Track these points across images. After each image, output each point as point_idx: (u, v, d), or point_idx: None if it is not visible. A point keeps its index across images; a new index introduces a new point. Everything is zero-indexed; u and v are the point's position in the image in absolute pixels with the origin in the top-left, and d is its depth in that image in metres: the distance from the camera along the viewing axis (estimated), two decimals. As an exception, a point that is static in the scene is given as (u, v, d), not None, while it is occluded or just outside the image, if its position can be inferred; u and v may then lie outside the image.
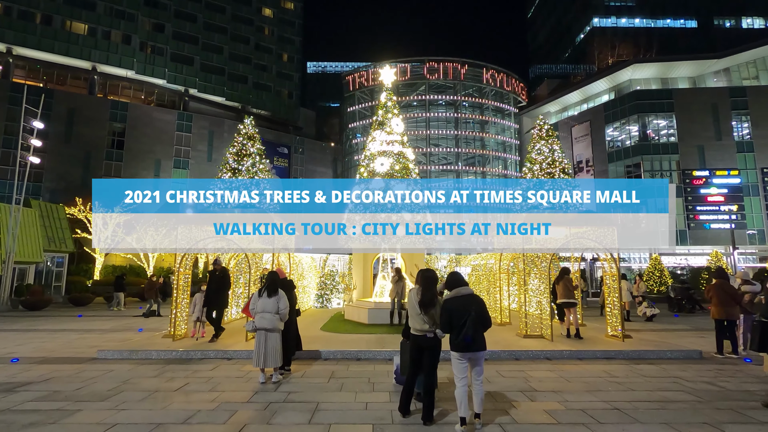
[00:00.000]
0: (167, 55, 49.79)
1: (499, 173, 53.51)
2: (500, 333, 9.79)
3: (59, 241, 22.07)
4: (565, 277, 9.39)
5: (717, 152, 41.26)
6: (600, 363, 7.66)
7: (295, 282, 14.89)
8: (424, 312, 4.56)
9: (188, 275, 9.27)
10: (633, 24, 64.78)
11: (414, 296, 4.71)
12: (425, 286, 4.67)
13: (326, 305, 17.13)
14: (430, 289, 4.66)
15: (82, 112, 42.25)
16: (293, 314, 6.91)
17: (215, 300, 9.10)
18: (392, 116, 18.14)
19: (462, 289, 4.48)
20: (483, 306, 4.45)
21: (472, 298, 4.44)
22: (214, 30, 53.89)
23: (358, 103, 55.51)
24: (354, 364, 7.56)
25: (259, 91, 56.62)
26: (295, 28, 62.30)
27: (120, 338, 10.24)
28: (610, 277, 9.23)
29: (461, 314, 4.25)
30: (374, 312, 11.45)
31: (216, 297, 9.08)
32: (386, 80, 19.06)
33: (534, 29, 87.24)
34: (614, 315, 9.11)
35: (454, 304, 4.37)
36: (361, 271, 15.73)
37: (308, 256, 18.90)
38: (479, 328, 4.29)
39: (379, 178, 16.94)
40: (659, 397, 5.63)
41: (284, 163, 53.46)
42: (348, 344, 8.66)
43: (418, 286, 4.78)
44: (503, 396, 5.64)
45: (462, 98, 53.30)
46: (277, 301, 6.12)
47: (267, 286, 6.18)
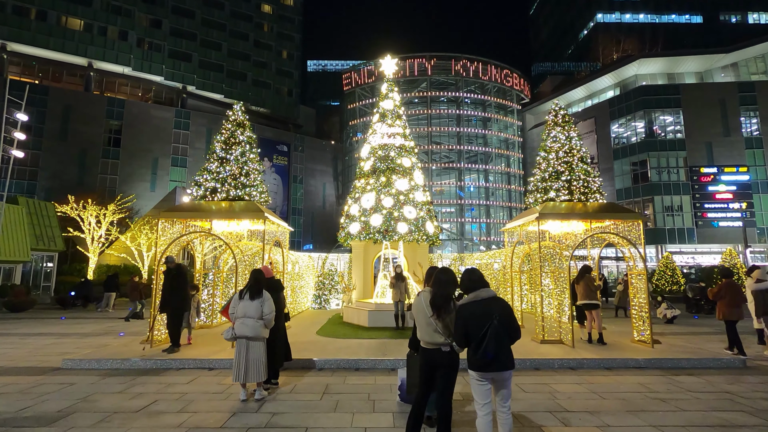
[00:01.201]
0: (165, 52, 48.96)
1: (502, 171, 52.55)
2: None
3: (48, 239, 21.20)
4: (585, 275, 8.42)
5: (725, 149, 40.26)
6: (632, 373, 6.73)
7: (291, 282, 14.05)
8: (436, 316, 3.60)
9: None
10: (637, 20, 63.96)
11: (423, 300, 3.79)
12: (438, 285, 3.72)
13: (324, 306, 16.24)
14: (443, 287, 3.69)
15: (78, 109, 41.47)
16: (281, 319, 5.98)
17: (168, 303, 7.84)
18: (394, 108, 17.26)
19: (482, 292, 3.51)
20: (509, 311, 3.48)
21: (494, 302, 3.47)
22: (212, 26, 53.05)
23: (359, 100, 54.60)
24: (352, 375, 6.64)
25: (258, 88, 55.78)
26: (295, 24, 61.45)
27: (97, 344, 9.33)
28: (635, 275, 8.29)
29: (481, 323, 3.33)
30: (375, 314, 10.53)
31: (170, 299, 7.82)
32: (387, 71, 18.17)
33: (536, 27, 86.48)
34: (641, 318, 8.16)
35: (471, 311, 3.43)
36: (361, 270, 14.84)
37: (306, 255, 18.01)
38: (504, 340, 3.35)
39: (379, 173, 16.06)
40: (717, 420, 4.69)
41: (284, 161, 52.58)
42: (346, 351, 7.74)
43: (429, 287, 3.87)
44: (529, 420, 4.70)
45: (464, 95, 52.34)
46: (261, 305, 5.17)
47: (249, 287, 5.26)
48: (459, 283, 3.71)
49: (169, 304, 7.79)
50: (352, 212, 15.65)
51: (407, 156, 16.50)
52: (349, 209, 15.92)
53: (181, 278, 8.00)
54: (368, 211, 15.38)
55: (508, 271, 10.41)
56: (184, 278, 8.11)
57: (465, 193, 51.86)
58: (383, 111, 17.29)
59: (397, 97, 17.65)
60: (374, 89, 52.61)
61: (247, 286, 5.31)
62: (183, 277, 8.07)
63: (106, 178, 41.72)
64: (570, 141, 9.50)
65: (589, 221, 8.46)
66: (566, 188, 9.11)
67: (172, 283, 7.89)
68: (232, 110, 10.42)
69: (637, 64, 46.07)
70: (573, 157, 9.31)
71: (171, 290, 7.85)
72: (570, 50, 71.05)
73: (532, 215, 8.50)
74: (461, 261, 18.37)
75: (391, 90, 17.64)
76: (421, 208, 15.88)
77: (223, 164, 9.62)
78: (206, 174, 9.66)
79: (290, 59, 60.23)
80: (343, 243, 16.12)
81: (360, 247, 14.87)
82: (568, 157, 9.35)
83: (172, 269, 8.00)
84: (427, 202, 16.08)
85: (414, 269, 13.10)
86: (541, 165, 9.84)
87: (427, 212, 15.89)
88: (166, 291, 7.91)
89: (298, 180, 54.01)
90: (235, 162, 9.70)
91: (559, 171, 9.30)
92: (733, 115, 40.51)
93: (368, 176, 16.14)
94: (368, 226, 14.95)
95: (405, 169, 16.08)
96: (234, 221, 9.15)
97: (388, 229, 14.83)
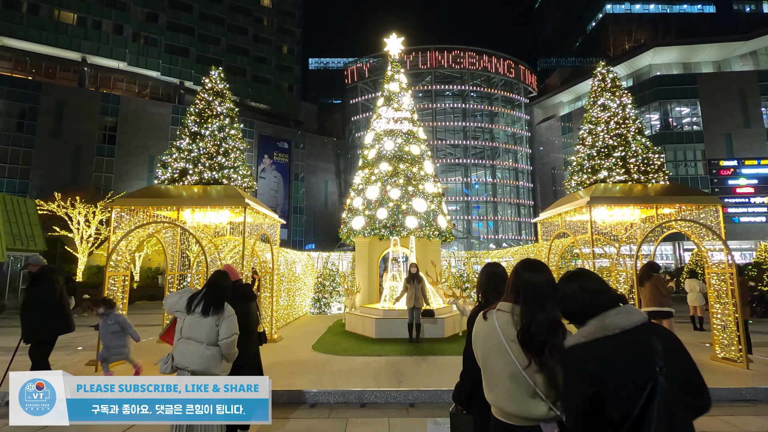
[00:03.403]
0: (161, 47, 47.57)
1: (510, 167, 50.78)
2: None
3: (27, 238, 19.65)
4: (653, 276, 6.61)
5: (745, 140, 38.45)
6: (736, 409, 4.99)
7: (288, 285, 12.26)
8: (537, 365, 1.84)
9: (126, 277, 6.66)
10: (648, 10, 62.12)
11: (500, 330, 1.93)
12: (533, 299, 1.90)
13: (324, 311, 14.55)
14: (544, 302, 1.88)
15: (72, 105, 40.11)
16: (252, 343, 4.23)
17: (26, 319, 5.41)
18: (401, 90, 15.59)
19: (619, 317, 1.65)
20: (682, 354, 1.63)
21: (648, 335, 1.61)
22: (210, 20, 51.56)
23: (361, 94, 53.01)
24: (356, 415, 4.93)
25: (257, 84, 54.28)
26: (295, 18, 59.93)
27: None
28: (718, 274, 6.51)
29: (627, 383, 1.54)
30: (384, 323, 8.83)
31: (27, 314, 5.40)
32: (393, 50, 16.54)
33: (541, 21, 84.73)
34: (730, 329, 6.37)
35: (601, 358, 1.61)
36: (365, 269, 13.18)
37: (306, 254, 16.33)
38: (683, 417, 1.54)
39: (385, 161, 14.39)
40: None
41: (284, 158, 51.03)
42: (348, 376, 6.03)
43: (509, 303, 1.97)
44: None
45: (470, 88, 50.58)
46: (217, 323, 3.36)
47: (203, 296, 3.54)
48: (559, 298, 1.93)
49: (26, 324, 5.37)
50: (356, 205, 14.02)
51: (416, 143, 14.83)
52: (351, 202, 14.29)
53: (46, 286, 5.42)
54: (373, 203, 13.73)
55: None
56: (50, 287, 5.44)
57: (471, 191, 50.13)
58: (389, 94, 15.64)
59: (404, 79, 15.99)
60: (377, 84, 50.99)
61: (199, 294, 3.57)
62: (49, 285, 5.44)
63: (101, 176, 40.30)
64: (624, 109, 7.76)
65: (654, 206, 6.72)
66: (622, 166, 7.38)
67: (30, 294, 5.44)
68: (208, 77, 8.73)
69: (651, 54, 44.20)
70: (628, 130, 7.59)
71: (30, 304, 5.41)
72: (578, 43, 69.25)
73: (580, 200, 6.79)
74: (476, 259, 16.64)
75: (397, 71, 15.99)
76: (432, 200, 14.18)
77: (196, 140, 7.95)
78: (175, 152, 7.98)
79: (291, 54, 58.71)
80: (345, 240, 14.47)
81: (364, 245, 13.23)
82: (622, 129, 7.62)
83: (37, 273, 5.51)
84: (438, 194, 14.41)
85: (427, 269, 11.39)
86: (586, 140, 8.10)
87: (438, 205, 14.21)
88: (25, 304, 5.44)
89: (299, 178, 52.46)
90: (211, 138, 8.02)
91: (611, 146, 7.57)
92: (753, 106, 38.85)
93: (373, 165, 14.47)
94: (373, 221, 13.33)
95: (414, 157, 14.41)
96: (209, 210, 7.42)
97: (396, 224, 13.19)
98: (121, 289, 6.42)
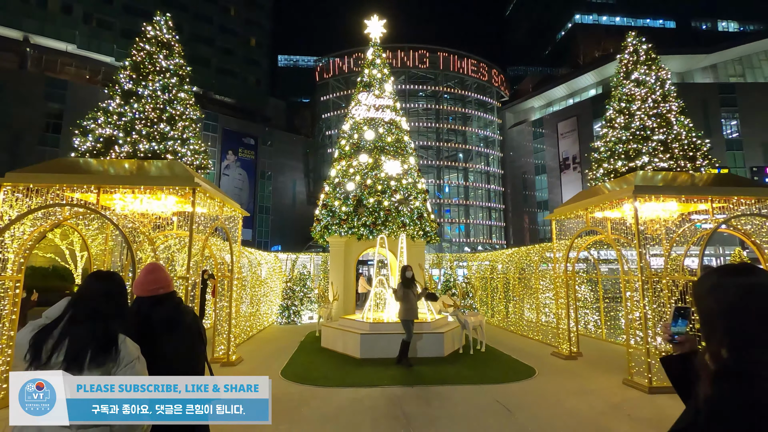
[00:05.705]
0: (116, 30, 44.04)
1: (482, 170, 50.48)
2: (582, 380, 5.78)
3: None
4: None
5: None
6: None
7: (250, 290, 10.26)
8: None
9: (18, 282, 4.68)
10: (614, 22, 64.31)
11: None
12: None
13: (294, 320, 12.76)
14: None
15: (11, 89, 36.12)
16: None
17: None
18: (382, 76, 14.14)
19: None
20: None
21: None
22: (171, 5, 48.09)
23: (333, 91, 51.20)
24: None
25: (223, 76, 51.34)
26: (264, 10, 57.42)
27: None
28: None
29: None
30: (371, 340, 7.19)
31: None
32: (373, 33, 15.09)
33: (512, 28, 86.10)
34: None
35: None
36: (341, 273, 11.58)
37: (273, 255, 14.47)
38: None
39: (365, 153, 12.85)
40: None
41: (251, 155, 48.36)
42: (335, 427, 4.36)
43: None
44: None
45: (443, 89, 49.89)
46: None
47: (66, 329, 1.87)
48: None
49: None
50: (331, 201, 12.40)
51: (399, 134, 13.40)
52: (326, 198, 12.64)
53: None
54: (351, 199, 12.15)
55: (561, 275, 7.31)
56: None
57: (443, 193, 49.37)
58: (369, 79, 14.17)
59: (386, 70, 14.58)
60: (349, 81, 49.42)
61: (58, 321, 1.85)
62: None
63: (42, 169, 36.45)
64: (663, 85, 6.55)
65: (709, 199, 5.51)
66: (664, 151, 6.15)
67: None
68: (152, 23, 6.83)
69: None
70: (669, 109, 6.40)
71: None
72: (547, 51, 70.75)
73: (622, 190, 5.45)
74: (459, 262, 15.38)
75: (378, 55, 14.51)
76: (416, 197, 12.75)
77: (129, 101, 6.05)
78: (101, 116, 6.06)
79: (259, 48, 56.13)
80: (318, 239, 12.80)
81: (340, 245, 11.62)
82: (660, 108, 6.42)
83: None
84: (423, 190, 13.02)
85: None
86: (616, 120, 6.83)
87: (423, 202, 12.81)
88: None
89: (266, 176, 49.90)
90: (151, 100, 6.14)
91: (649, 127, 6.33)
92: (714, 116, 40.46)
93: (351, 157, 12.91)
94: (351, 218, 11.76)
95: (396, 149, 12.96)
96: (147, 194, 5.43)
97: (376, 222, 11.66)
98: (12, 302, 4.43)
